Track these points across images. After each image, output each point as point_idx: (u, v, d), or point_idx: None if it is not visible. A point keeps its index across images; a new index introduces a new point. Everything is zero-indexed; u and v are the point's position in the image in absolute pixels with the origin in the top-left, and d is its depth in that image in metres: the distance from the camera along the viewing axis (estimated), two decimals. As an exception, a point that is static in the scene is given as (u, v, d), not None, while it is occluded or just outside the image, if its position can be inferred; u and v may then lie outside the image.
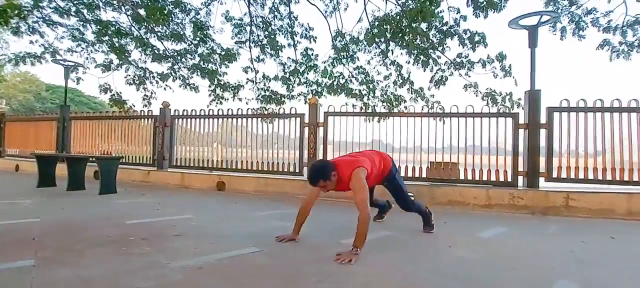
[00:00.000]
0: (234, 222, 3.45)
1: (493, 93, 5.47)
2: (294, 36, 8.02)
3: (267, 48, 8.23)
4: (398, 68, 7.19)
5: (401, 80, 7.14)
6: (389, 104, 7.16)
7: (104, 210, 3.80)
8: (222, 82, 8.09)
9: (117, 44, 6.88)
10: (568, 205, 4.24)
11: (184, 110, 6.56)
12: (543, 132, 4.62)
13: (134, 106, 7.26)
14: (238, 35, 8.09)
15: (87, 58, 7.36)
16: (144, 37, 7.10)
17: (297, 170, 5.55)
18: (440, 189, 4.68)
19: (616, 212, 4.11)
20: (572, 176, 4.51)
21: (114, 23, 6.86)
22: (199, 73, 7.36)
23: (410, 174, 5.03)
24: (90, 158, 5.35)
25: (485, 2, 5.18)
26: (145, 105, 7.34)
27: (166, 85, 7.62)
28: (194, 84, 7.51)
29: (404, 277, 2.04)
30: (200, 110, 6.44)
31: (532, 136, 4.60)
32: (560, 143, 4.59)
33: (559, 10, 4.60)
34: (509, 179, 4.70)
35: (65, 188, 4.99)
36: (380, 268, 2.18)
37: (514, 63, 5.30)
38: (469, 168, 4.86)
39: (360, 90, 7.69)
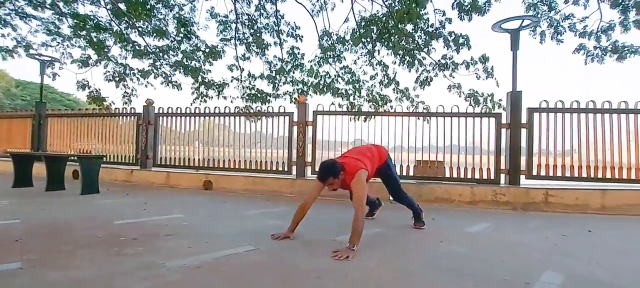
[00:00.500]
0: (226, 221, 3.42)
1: (475, 94, 5.63)
2: (280, 35, 8.01)
3: (253, 46, 8.18)
4: (384, 68, 7.30)
5: (387, 80, 7.26)
6: (374, 104, 7.28)
7: (89, 210, 3.67)
8: (206, 80, 7.98)
9: (95, 39, 6.64)
10: (547, 201, 4.45)
11: (168, 107, 6.42)
12: (524, 132, 4.81)
13: (113, 103, 7.04)
14: (223, 33, 8.00)
15: (63, 53, 7.07)
16: (124, 32, 6.88)
17: (286, 169, 5.54)
18: (427, 186, 4.79)
19: (591, 207, 4.35)
20: (551, 174, 4.72)
21: (92, 17, 6.61)
22: (182, 70, 7.22)
23: (397, 172, 5.12)
24: (71, 157, 5.15)
25: (469, 6, 5.33)
26: (126, 103, 7.13)
27: (148, 82, 7.44)
28: (176, 82, 7.35)
29: (400, 271, 2.10)
30: (186, 108, 6.32)
31: (514, 135, 4.78)
32: (540, 142, 4.79)
33: (539, 15, 4.81)
34: (492, 177, 4.87)
35: (44, 188, 4.78)
36: (375, 263, 2.22)
37: (496, 65, 5.48)
38: (454, 166, 5.00)
39: (346, 90, 7.77)
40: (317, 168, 5.38)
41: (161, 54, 7.48)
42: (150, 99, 6.45)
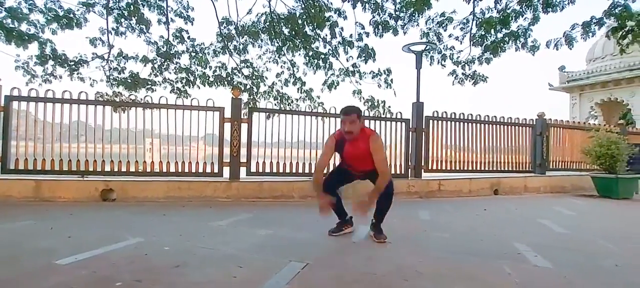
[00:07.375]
0: (211, 238, 2.85)
1: (372, 100, 6.67)
2: (167, 12, 7.03)
3: (130, 20, 6.87)
4: (291, 67, 7.51)
5: (293, 79, 7.52)
6: (276, 101, 7.45)
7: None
8: (57, 53, 6.22)
9: None
10: (440, 189, 5.80)
11: (31, 89, 4.54)
12: (424, 135, 6.06)
13: None
14: (88, -4, 6.40)
15: None
16: None
17: (217, 171, 4.95)
18: (362, 182, 5.34)
19: (463, 192, 5.96)
20: (440, 168, 6.16)
21: None
22: (2, 34, 5.31)
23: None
24: None
25: (383, 26, 6.20)
26: None
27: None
28: None
29: (436, 260, 2.42)
30: (64, 91, 4.62)
31: (418, 138, 5.95)
32: (434, 142, 6.14)
33: (434, 43, 6.15)
34: (403, 172, 5.90)
35: None
36: (411, 256, 2.47)
37: (403, 78, 6.62)
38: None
39: (245, 84, 7.54)
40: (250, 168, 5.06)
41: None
42: (-8, 73, 4.39)
